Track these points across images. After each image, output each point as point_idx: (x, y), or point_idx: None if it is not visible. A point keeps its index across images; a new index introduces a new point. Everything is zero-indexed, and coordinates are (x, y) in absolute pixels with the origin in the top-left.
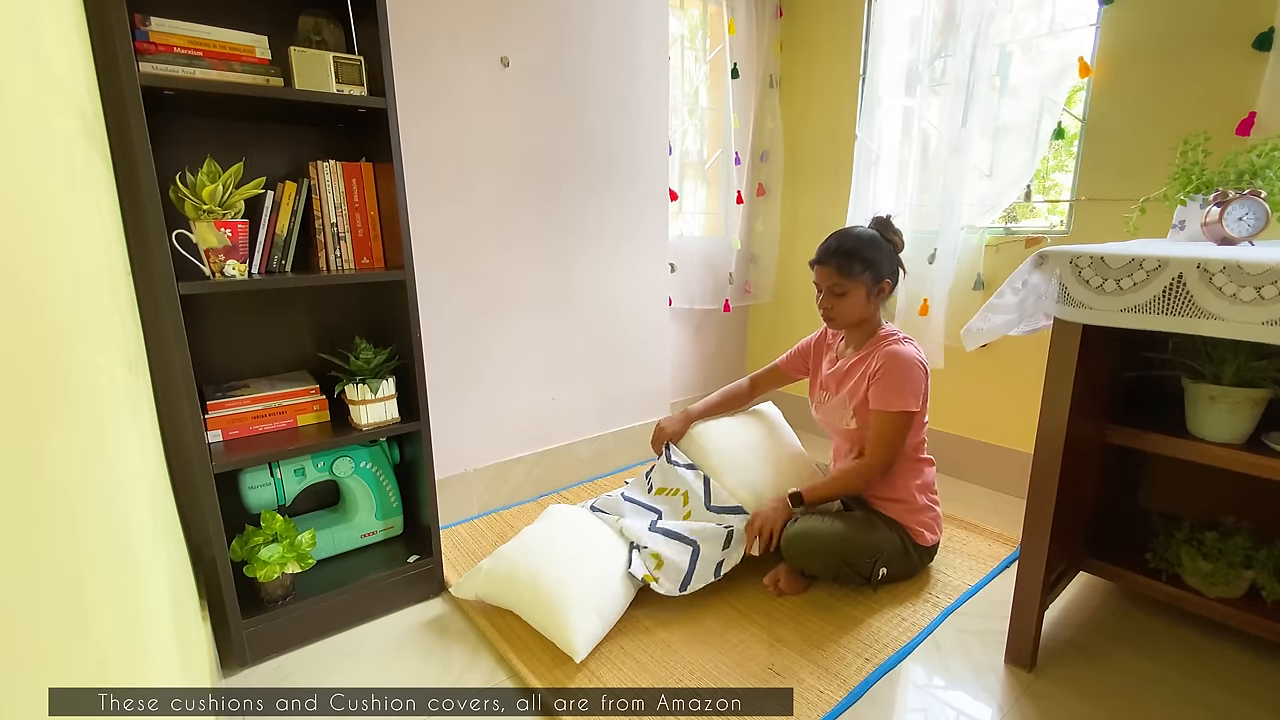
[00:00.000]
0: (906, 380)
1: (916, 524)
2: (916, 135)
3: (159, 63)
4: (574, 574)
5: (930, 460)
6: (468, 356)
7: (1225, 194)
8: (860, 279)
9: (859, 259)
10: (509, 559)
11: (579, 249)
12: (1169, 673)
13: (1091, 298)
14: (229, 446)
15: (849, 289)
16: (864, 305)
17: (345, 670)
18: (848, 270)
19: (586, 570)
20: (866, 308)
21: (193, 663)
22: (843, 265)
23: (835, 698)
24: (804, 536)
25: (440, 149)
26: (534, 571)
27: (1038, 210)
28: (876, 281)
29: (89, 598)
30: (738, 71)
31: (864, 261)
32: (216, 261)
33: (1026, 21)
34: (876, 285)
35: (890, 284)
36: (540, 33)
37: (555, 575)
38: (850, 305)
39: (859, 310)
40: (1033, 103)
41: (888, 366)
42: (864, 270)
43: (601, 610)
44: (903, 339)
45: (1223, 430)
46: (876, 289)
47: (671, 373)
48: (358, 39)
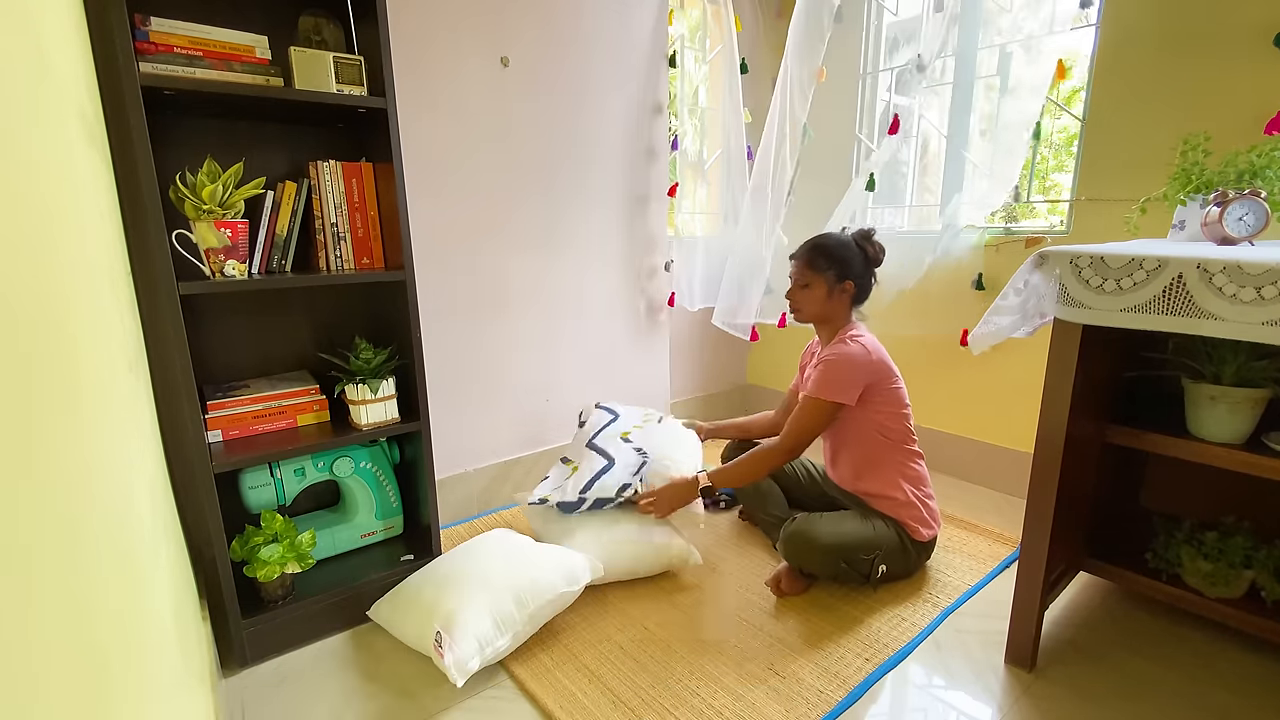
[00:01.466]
0: (837, 371)
1: (911, 519)
2: (916, 135)
3: (159, 63)
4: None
5: (920, 454)
6: (468, 356)
7: (1225, 194)
8: (823, 275)
9: (825, 256)
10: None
11: (579, 249)
12: (1169, 673)
13: (1091, 298)
14: (229, 446)
15: (811, 281)
16: (825, 301)
17: (345, 670)
18: (813, 265)
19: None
20: (828, 304)
21: (193, 663)
22: (810, 260)
23: (835, 698)
24: (801, 536)
25: (440, 149)
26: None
27: (1038, 210)
28: (839, 280)
29: (89, 598)
30: (746, 66)
31: (830, 259)
32: (216, 261)
33: (1026, 21)
34: (839, 284)
35: (854, 285)
36: (540, 33)
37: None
38: (811, 298)
39: (819, 304)
40: (1028, 102)
41: (827, 357)
42: (828, 267)
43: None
44: (851, 335)
45: (1223, 430)
46: (839, 287)
47: (671, 373)
48: (358, 39)
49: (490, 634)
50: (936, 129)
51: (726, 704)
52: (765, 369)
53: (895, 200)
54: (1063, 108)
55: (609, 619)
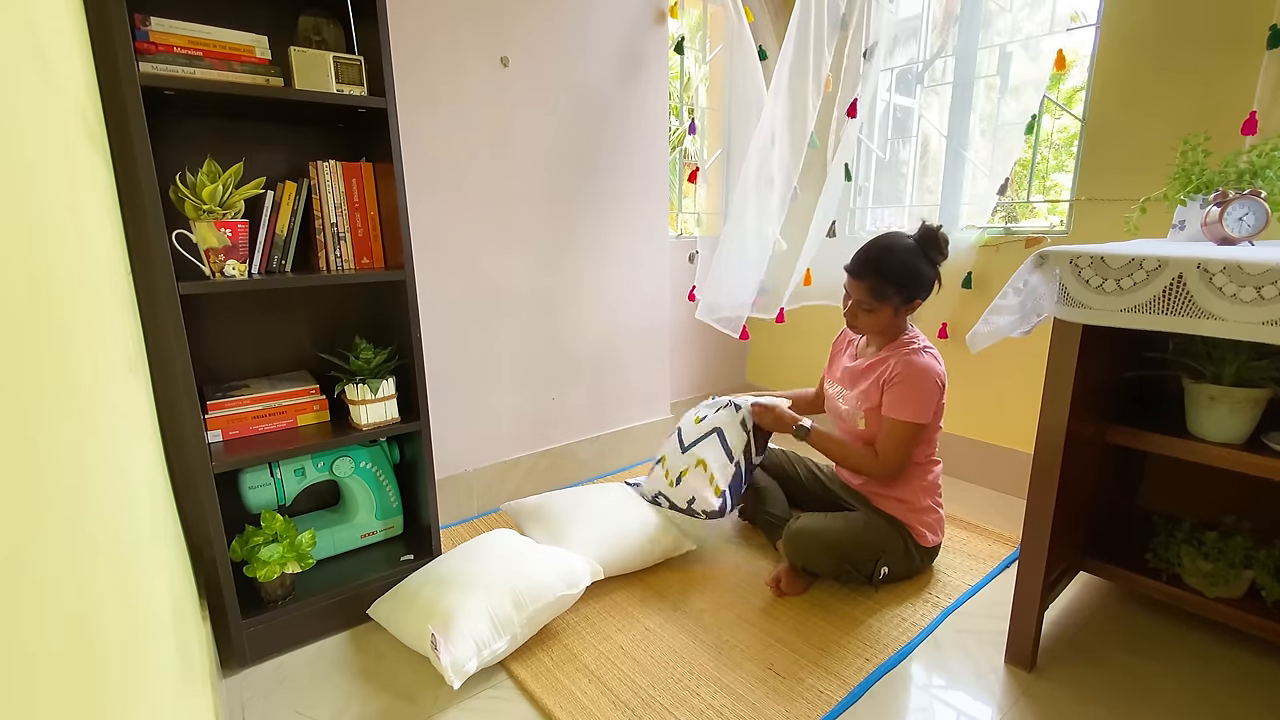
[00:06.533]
0: (920, 391)
1: (919, 524)
2: (916, 135)
3: (159, 63)
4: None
5: (938, 461)
6: (468, 356)
7: (1225, 194)
8: (891, 301)
9: (893, 282)
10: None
11: (579, 248)
12: (1169, 673)
13: (1091, 298)
14: (229, 446)
15: (877, 308)
16: (890, 321)
17: (345, 670)
18: (880, 294)
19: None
20: (893, 323)
21: (193, 663)
22: (875, 288)
23: (835, 698)
24: (807, 534)
25: (440, 149)
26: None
27: (1038, 210)
28: (907, 302)
29: (89, 598)
30: (765, 53)
31: (897, 284)
32: (216, 261)
33: (1025, 22)
34: (907, 305)
35: (921, 301)
36: (540, 33)
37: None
38: (875, 321)
39: (883, 325)
40: (1026, 100)
41: (904, 375)
42: (896, 293)
43: (479, 635)
44: (923, 348)
45: (1223, 430)
46: (906, 308)
47: (671, 373)
48: (358, 39)
49: (488, 636)
50: (936, 129)
51: (726, 704)
52: (766, 368)
53: (895, 200)
54: (1063, 108)
55: (609, 619)
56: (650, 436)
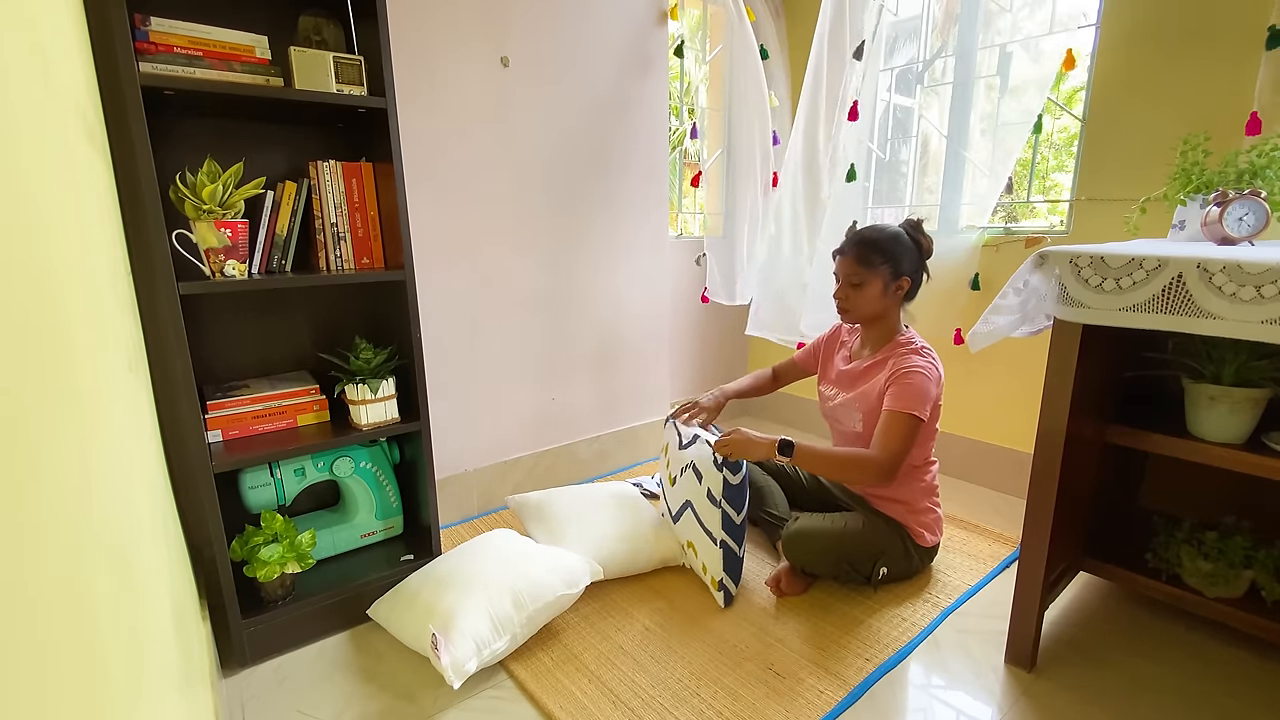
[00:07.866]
0: (919, 386)
1: (918, 525)
2: (916, 135)
3: (159, 63)
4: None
5: (934, 461)
6: (468, 356)
7: (1225, 194)
8: (878, 271)
9: (879, 251)
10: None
11: (579, 248)
12: (1169, 673)
13: (1091, 297)
14: (229, 446)
15: (865, 279)
16: (879, 299)
17: (345, 670)
18: (866, 261)
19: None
20: (882, 302)
21: (193, 663)
22: (861, 255)
23: (835, 698)
24: (806, 535)
25: (440, 149)
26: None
27: (1038, 210)
28: (895, 277)
29: (89, 598)
30: (766, 52)
31: (883, 254)
32: (216, 261)
33: (1025, 22)
34: (895, 280)
35: (909, 282)
36: (540, 33)
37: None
38: (866, 298)
39: (874, 304)
40: (1027, 101)
41: (908, 370)
42: (883, 263)
43: (479, 634)
44: (921, 348)
45: (1223, 430)
46: (894, 285)
47: (671, 373)
48: (358, 39)
49: (488, 636)
50: (936, 129)
51: (726, 704)
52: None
53: (895, 200)
54: (1063, 108)
55: (609, 619)
56: (650, 436)
